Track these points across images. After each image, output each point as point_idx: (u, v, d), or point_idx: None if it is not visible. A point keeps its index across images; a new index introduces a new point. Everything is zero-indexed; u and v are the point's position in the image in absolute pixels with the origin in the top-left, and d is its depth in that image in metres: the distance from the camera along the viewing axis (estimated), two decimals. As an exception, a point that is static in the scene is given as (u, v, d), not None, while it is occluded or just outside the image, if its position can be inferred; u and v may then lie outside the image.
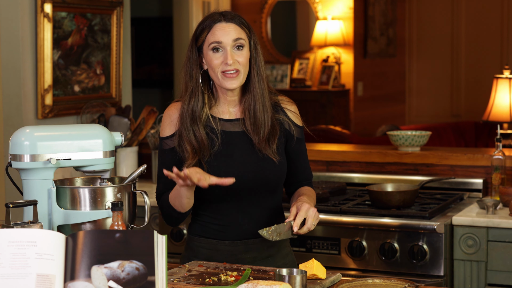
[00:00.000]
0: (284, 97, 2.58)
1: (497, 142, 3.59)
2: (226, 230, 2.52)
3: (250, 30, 2.48)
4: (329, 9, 7.96)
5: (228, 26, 2.42)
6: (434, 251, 3.21)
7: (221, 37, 2.41)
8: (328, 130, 5.91)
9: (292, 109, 2.55)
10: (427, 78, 9.07)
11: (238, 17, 2.46)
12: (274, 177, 2.49)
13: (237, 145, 2.48)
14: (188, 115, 2.45)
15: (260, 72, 2.47)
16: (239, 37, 2.42)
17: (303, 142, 2.59)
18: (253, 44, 2.48)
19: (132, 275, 1.82)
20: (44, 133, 2.34)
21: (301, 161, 2.59)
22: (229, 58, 2.40)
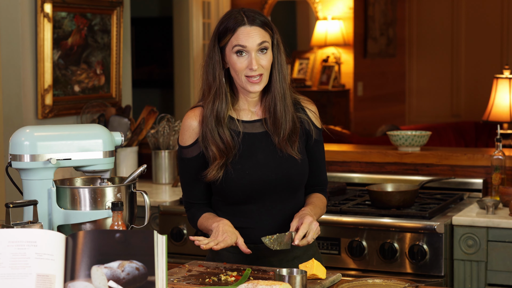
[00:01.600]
0: (304, 97, 2.57)
1: (497, 142, 3.59)
2: (250, 234, 2.48)
3: (272, 29, 2.44)
4: (329, 9, 7.97)
5: (253, 30, 2.37)
6: (434, 251, 3.21)
7: (246, 42, 2.36)
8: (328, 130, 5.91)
9: (312, 109, 2.54)
10: (427, 78, 9.08)
11: (260, 18, 2.40)
12: (298, 176, 2.47)
13: (260, 146, 2.46)
14: (213, 116, 2.41)
15: (282, 71, 2.45)
16: (263, 41, 2.38)
17: (321, 145, 2.56)
18: (276, 44, 2.44)
19: (132, 275, 1.82)
20: (44, 133, 2.34)
21: (317, 164, 2.56)
22: (254, 63, 2.36)
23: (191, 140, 2.47)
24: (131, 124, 4.24)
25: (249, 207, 2.47)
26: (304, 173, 2.49)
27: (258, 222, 2.48)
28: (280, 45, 2.45)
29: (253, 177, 2.43)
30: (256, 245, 2.46)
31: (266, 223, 2.48)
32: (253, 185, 2.44)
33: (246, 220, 2.49)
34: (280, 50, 2.45)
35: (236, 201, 2.47)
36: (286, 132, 2.43)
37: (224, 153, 2.41)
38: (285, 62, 2.46)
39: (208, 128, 2.41)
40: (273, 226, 2.48)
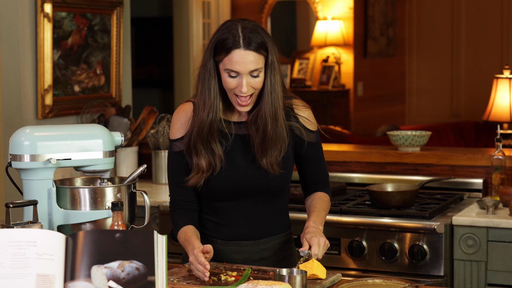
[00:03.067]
0: (299, 101, 2.54)
1: (497, 142, 3.59)
2: (221, 229, 2.52)
3: (268, 49, 2.37)
4: (329, 9, 7.96)
5: (247, 56, 2.32)
6: (434, 251, 3.21)
7: (238, 67, 2.33)
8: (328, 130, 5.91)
9: (304, 115, 2.51)
10: (427, 78, 9.07)
11: (256, 40, 2.34)
12: (275, 184, 2.47)
13: (241, 148, 2.47)
14: (207, 129, 2.40)
15: (274, 92, 2.39)
16: (256, 68, 2.34)
17: (318, 145, 2.56)
18: (270, 64, 2.38)
19: (132, 275, 1.82)
20: (44, 133, 2.34)
21: (315, 165, 2.58)
22: (244, 88, 2.34)
23: (180, 134, 2.48)
24: (131, 124, 4.24)
25: (224, 204, 2.50)
26: (282, 183, 2.49)
27: (231, 221, 2.51)
28: (274, 65, 2.39)
29: (229, 179, 2.45)
30: (224, 241, 2.51)
31: (239, 223, 2.51)
32: (229, 187, 2.46)
33: (220, 217, 2.51)
34: (274, 70, 2.39)
35: (213, 198, 2.50)
36: (275, 151, 2.42)
37: (212, 166, 2.43)
38: (279, 81, 2.41)
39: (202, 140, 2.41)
40: (245, 225, 2.51)
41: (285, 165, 2.48)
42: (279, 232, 2.55)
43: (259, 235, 2.52)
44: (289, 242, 2.60)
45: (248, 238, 2.50)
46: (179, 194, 2.52)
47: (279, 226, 2.55)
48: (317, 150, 2.56)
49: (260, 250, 2.52)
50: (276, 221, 2.55)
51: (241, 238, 2.51)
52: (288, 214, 2.62)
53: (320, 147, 2.58)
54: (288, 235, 2.60)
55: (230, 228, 2.51)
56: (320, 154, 2.59)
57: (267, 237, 2.53)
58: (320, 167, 2.60)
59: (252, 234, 2.51)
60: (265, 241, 2.51)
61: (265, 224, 2.51)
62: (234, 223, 2.51)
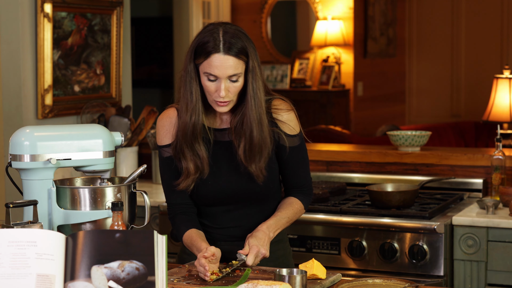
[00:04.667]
0: (281, 102, 2.48)
1: (497, 142, 3.58)
2: (212, 231, 2.53)
3: (248, 55, 2.37)
4: (329, 9, 7.96)
5: (226, 60, 2.32)
6: (434, 251, 3.21)
7: (217, 71, 2.33)
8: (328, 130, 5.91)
9: (283, 119, 2.46)
10: (427, 78, 9.07)
11: (237, 45, 2.34)
12: (261, 189, 2.48)
13: (225, 155, 2.47)
14: (190, 132, 2.42)
15: (257, 97, 2.38)
16: (235, 73, 2.34)
17: (299, 149, 2.51)
18: (251, 69, 2.37)
19: (132, 275, 1.82)
20: (44, 133, 2.34)
21: (293, 169, 2.53)
22: (223, 92, 2.34)
23: (168, 140, 2.49)
24: (131, 124, 4.24)
25: (214, 209, 2.52)
26: (268, 187, 2.49)
27: (221, 224, 2.53)
28: (255, 70, 2.38)
29: (214, 187, 2.47)
30: (218, 242, 2.51)
31: (230, 225, 2.52)
32: (215, 193, 2.48)
33: (211, 220, 2.53)
34: (255, 75, 2.38)
35: (203, 203, 2.52)
36: (261, 158, 2.41)
37: (199, 169, 2.44)
38: (261, 85, 2.39)
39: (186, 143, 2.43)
40: (236, 228, 2.52)
41: (269, 168, 2.47)
42: None
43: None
44: (282, 242, 2.60)
45: (239, 239, 2.51)
46: (175, 198, 2.53)
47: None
48: (298, 154, 2.51)
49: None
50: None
51: (231, 240, 2.53)
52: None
53: (300, 151, 2.52)
54: (281, 235, 2.59)
55: (222, 231, 2.53)
56: (301, 158, 2.53)
57: None
58: (299, 172, 2.55)
59: (242, 235, 2.51)
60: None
61: (254, 226, 2.50)
62: (225, 226, 2.53)
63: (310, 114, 7.70)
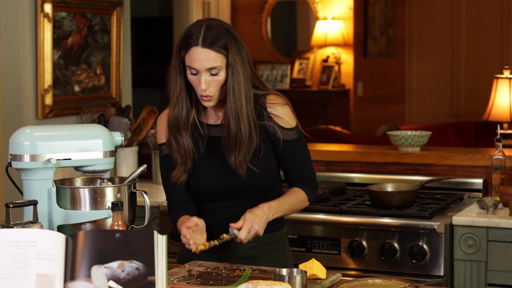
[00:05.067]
0: (275, 97, 2.49)
1: (497, 142, 3.58)
2: (210, 228, 2.53)
3: (228, 49, 2.39)
4: (329, 9, 7.96)
5: (203, 53, 2.37)
6: (434, 251, 3.21)
7: (195, 64, 2.38)
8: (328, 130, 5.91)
9: (277, 113, 2.47)
10: (427, 78, 9.07)
11: (216, 40, 2.38)
12: (256, 183, 2.48)
13: (219, 150, 2.49)
14: (174, 123, 2.48)
15: (235, 93, 2.40)
16: (213, 66, 2.38)
17: (297, 143, 2.52)
18: (230, 63, 2.40)
19: (132, 275, 1.82)
20: (44, 133, 2.34)
21: (293, 162, 2.54)
22: (203, 85, 2.39)
23: (164, 138, 2.55)
24: (131, 124, 4.24)
25: (211, 205, 2.54)
26: (264, 181, 2.49)
27: (218, 220, 2.54)
28: (235, 65, 2.40)
29: (210, 182, 2.49)
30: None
31: (228, 221, 2.51)
32: (211, 188, 2.50)
33: (209, 216, 2.55)
34: (235, 70, 2.40)
35: (200, 199, 2.54)
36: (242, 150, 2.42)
37: (183, 160, 2.47)
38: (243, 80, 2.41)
39: (171, 134, 2.49)
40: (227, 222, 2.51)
41: (263, 164, 2.48)
42: (269, 231, 2.55)
43: None
44: (280, 242, 2.60)
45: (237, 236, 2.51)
46: (174, 194, 2.56)
47: (269, 226, 2.53)
48: (294, 147, 2.52)
49: (249, 248, 2.53)
50: None
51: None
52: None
53: (299, 144, 2.53)
54: (279, 235, 2.59)
55: (219, 227, 2.53)
56: (298, 151, 2.54)
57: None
58: (300, 166, 2.56)
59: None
60: (253, 240, 2.50)
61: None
62: (223, 222, 2.52)
63: (310, 114, 7.70)
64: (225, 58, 2.39)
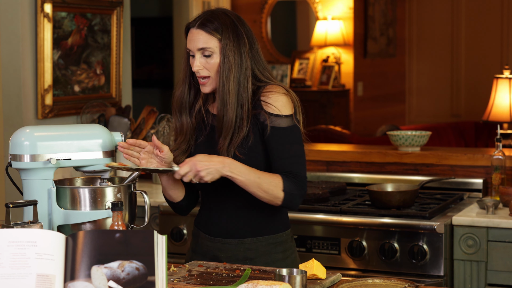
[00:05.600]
0: (273, 86, 2.45)
1: (497, 142, 3.59)
2: (209, 224, 2.54)
3: (223, 34, 2.41)
4: (329, 9, 7.96)
5: (197, 34, 2.42)
6: (434, 251, 3.21)
7: (189, 45, 2.45)
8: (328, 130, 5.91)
9: (269, 100, 2.42)
10: (427, 78, 9.08)
11: (211, 23, 2.41)
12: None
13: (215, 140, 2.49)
14: (176, 104, 2.53)
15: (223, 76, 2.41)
16: (204, 47, 2.41)
17: (285, 132, 2.42)
18: (223, 48, 2.40)
19: (132, 275, 1.82)
20: (44, 133, 2.34)
21: (277, 150, 2.42)
22: (195, 66, 2.43)
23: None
24: (131, 124, 4.24)
25: (210, 199, 2.54)
26: None
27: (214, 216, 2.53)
28: (227, 50, 2.40)
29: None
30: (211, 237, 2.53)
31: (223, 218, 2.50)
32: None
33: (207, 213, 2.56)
34: (227, 55, 2.40)
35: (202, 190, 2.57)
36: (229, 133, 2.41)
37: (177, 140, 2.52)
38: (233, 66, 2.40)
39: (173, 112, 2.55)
40: (228, 222, 2.51)
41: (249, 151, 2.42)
42: (266, 233, 2.50)
43: (242, 234, 2.49)
44: (281, 245, 2.52)
45: (232, 236, 2.50)
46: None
47: (265, 227, 2.50)
48: (280, 136, 2.42)
49: (244, 249, 2.49)
50: (260, 220, 2.50)
51: (224, 235, 2.51)
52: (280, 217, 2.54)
53: (288, 135, 2.43)
54: (280, 237, 2.52)
55: (216, 224, 2.52)
56: (284, 142, 2.43)
57: (251, 236, 2.50)
58: (283, 155, 2.42)
59: (234, 232, 2.50)
60: (249, 241, 2.48)
61: (247, 223, 2.49)
62: (219, 218, 2.52)
63: (310, 114, 7.70)
64: (219, 42, 2.42)
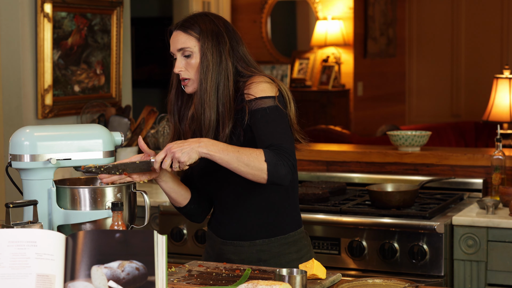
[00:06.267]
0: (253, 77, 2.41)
1: (497, 142, 3.59)
2: (220, 227, 2.53)
3: (201, 34, 2.41)
4: (329, 9, 7.96)
5: (176, 35, 2.46)
6: (434, 251, 3.21)
7: (171, 47, 2.47)
8: (328, 130, 5.91)
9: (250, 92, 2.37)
10: (427, 78, 9.08)
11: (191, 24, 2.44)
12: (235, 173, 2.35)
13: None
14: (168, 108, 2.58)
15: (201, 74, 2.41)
16: (183, 47, 2.43)
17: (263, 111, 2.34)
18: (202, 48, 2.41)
19: (132, 275, 1.82)
20: (44, 133, 2.34)
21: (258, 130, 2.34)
22: (176, 67, 2.45)
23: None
24: (131, 124, 4.24)
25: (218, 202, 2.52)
26: None
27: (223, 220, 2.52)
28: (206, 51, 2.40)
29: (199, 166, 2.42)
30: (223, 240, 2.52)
31: (233, 221, 2.50)
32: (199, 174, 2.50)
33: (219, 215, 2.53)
34: (205, 55, 2.41)
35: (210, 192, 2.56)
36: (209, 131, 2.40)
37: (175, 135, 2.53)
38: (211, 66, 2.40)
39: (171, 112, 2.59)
40: (238, 224, 2.49)
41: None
42: (278, 234, 2.48)
43: (253, 236, 2.48)
44: (295, 246, 2.50)
45: (243, 238, 2.48)
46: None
47: (276, 227, 2.49)
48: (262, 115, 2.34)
49: (257, 251, 2.48)
50: (270, 221, 2.48)
51: (236, 238, 2.50)
52: (291, 216, 2.52)
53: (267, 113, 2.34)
54: (290, 237, 2.49)
55: (227, 227, 2.51)
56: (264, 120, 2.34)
57: (263, 238, 2.48)
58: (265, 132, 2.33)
59: (245, 234, 2.48)
60: (261, 242, 2.47)
61: (257, 225, 2.47)
62: (230, 222, 2.50)
63: (310, 114, 7.70)
64: (197, 41, 2.43)
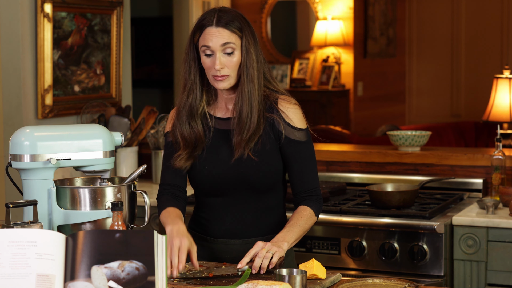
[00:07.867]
0: (288, 97, 2.51)
1: (497, 142, 3.59)
2: (210, 226, 2.54)
3: (243, 31, 2.45)
4: (329, 9, 7.96)
5: (217, 32, 2.41)
6: (434, 251, 3.21)
7: (210, 42, 2.41)
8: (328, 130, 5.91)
9: (286, 111, 2.47)
10: (427, 78, 9.07)
11: (231, 21, 2.43)
12: (256, 177, 2.45)
13: (225, 143, 2.49)
14: (186, 110, 2.48)
15: (249, 73, 2.43)
16: (227, 42, 2.41)
17: (305, 146, 2.49)
18: (245, 45, 2.44)
19: (132, 275, 1.82)
20: (44, 133, 2.34)
21: (299, 166, 2.50)
22: (217, 63, 2.40)
23: (169, 126, 2.56)
24: (131, 124, 4.24)
25: (213, 200, 2.52)
26: (264, 176, 2.46)
27: (218, 217, 2.53)
28: (249, 47, 2.44)
29: (211, 173, 2.48)
30: (213, 239, 2.53)
31: (226, 220, 2.51)
32: (211, 180, 2.49)
33: (209, 213, 2.54)
34: (249, 51, 2.44)
35: (201, 193, 2.54)
36: (248, 133, 2.42)
37: (188, 146, 2.48)
38: (255, 64, 2.44)
39: (178, 120, 2.50)
40: (232, 222, 2.51)
41: (264, 156, 2.45)
42: (271, 232, 2.52)
43: (247, 234, 2.51)
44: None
45: (236, 236, 2.51)
46: (167, 179, 2.55)
47: (270, 226, 2.53)
48: (302, 150, 2.49)
49: (249, 249, 2.46)
50: (266, 220, 2.53)
51: (228, 236, 2.52)
52: (284, 215, 2.59)
53: (307, 149, 2.50)
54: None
55: (219, 225, 2.52)
56: (305, 155, 2.50)
57: (256, 236, 2.51)
58: (304, 170, 2.50)
59: (239, 232, 2.50)
60: (254, 241, 2.48)
61: (253, 223, 2.51)
62: (223, 220, 2.52)
63: (310, 114, 7.70)
64: (240, 39, 2.43)
